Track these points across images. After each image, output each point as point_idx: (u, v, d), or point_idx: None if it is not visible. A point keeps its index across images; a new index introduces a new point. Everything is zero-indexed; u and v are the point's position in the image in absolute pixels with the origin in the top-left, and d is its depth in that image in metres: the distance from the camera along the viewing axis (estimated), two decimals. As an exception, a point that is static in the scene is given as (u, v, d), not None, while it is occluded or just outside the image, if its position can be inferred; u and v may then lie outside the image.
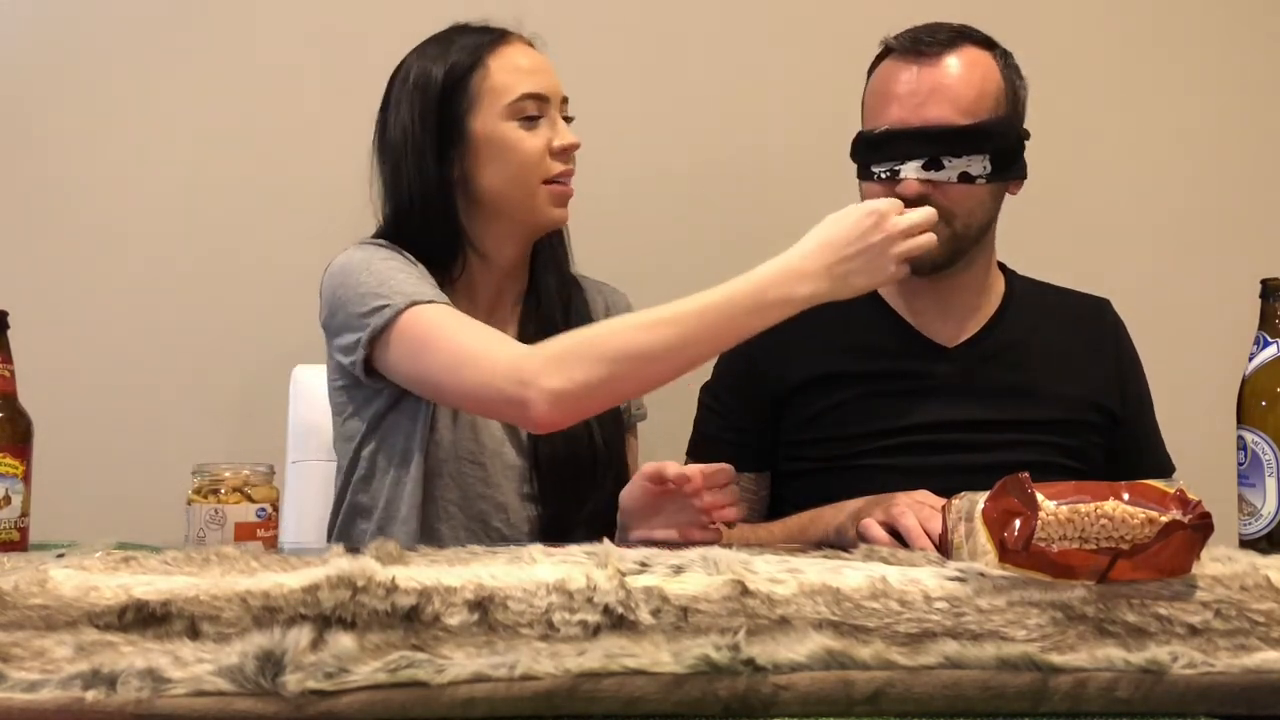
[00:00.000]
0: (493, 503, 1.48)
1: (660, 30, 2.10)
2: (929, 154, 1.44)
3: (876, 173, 1.47)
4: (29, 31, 2.04)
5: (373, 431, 1.48)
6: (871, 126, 1.51)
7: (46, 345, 1.92)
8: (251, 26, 2.06)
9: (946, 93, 1.46)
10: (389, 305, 1.36)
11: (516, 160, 1.46)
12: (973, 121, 1.46)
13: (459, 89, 1.46)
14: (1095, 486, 0.88)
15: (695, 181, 2.09)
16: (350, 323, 1.40)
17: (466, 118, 1.46)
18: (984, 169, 1.45)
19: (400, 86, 1.50)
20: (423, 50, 1.52)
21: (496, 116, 1.46)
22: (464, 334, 1.33)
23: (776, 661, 0.73)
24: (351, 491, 1.49)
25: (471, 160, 1.47)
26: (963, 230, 1.48)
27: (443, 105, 1.46)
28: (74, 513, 1.70)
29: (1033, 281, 1.66)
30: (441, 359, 1.32)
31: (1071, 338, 1.61)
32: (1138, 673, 0.75)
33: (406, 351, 1.36)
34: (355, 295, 1.40)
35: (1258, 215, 2.18)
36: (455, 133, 1.46)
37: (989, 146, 1.45)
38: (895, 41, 1.52)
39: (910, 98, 1.47)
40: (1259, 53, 2.21)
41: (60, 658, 0.72)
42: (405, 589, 0.78)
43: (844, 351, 1.56)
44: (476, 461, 1.49)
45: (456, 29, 1.53)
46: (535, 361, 1.26)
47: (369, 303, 1.38)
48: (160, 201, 2.04)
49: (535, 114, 1.47)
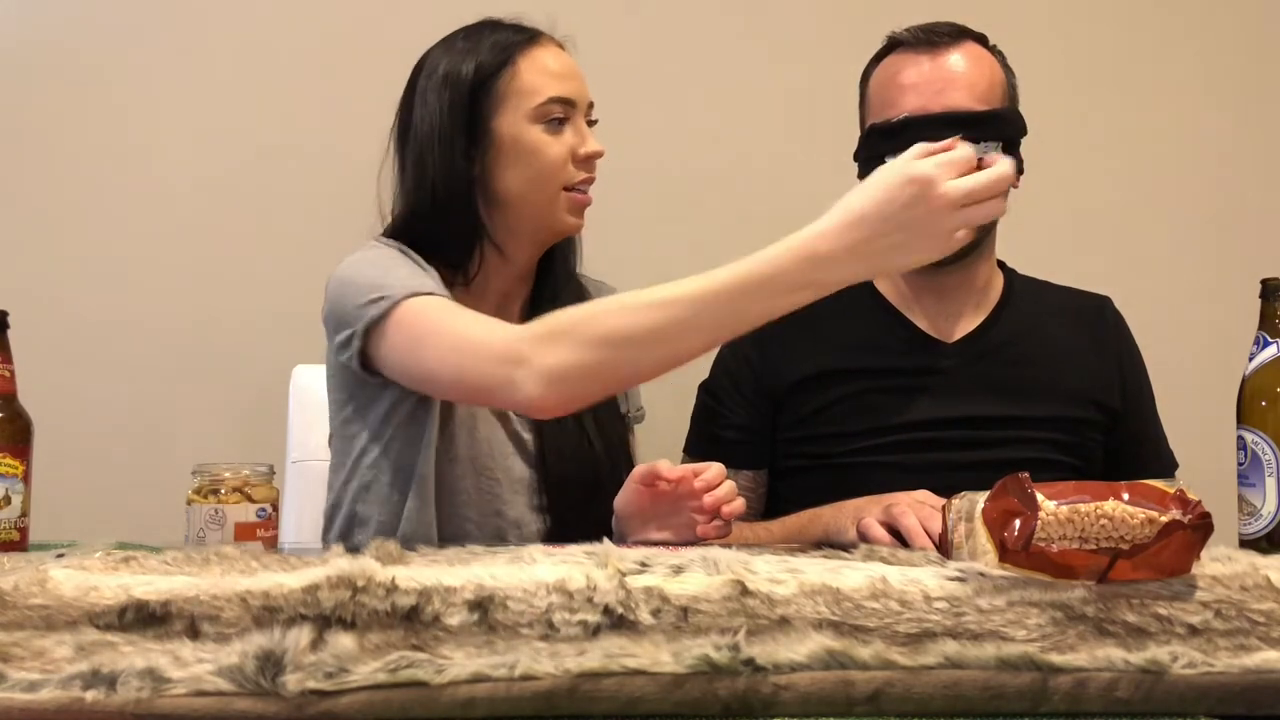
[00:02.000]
0: (507, 519, 1.47)
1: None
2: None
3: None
4: (30, 31, 2.04)
5: (375, 440, 1.44)
6: (883, 118, 1.51)
7: (46, 345, 1.92)
8: (253, 26, 2.06)
9: (963, 80, 1.49)
10: (386, 296, 1.33)
11: (538, 164, 1.44)
12: (990, 108, 1.48)
13: (486, 87, 1.44)
14: (1095, 486, 0.88)
15: (702, 185, 2.09)
16: (348, 316, 1.37)
17: (492, 117, 1.44)
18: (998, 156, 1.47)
19: (427, 80, 1.47)
20: (450, 44, 1.49)
21: (522, 118, 1.44)
22: (459, 321, 1.29)
23: (776, 661, 0.73)
24: (351, 500, 1.46)
25: (493, 160, 1.45)
26: None
27: (470, 102, 1.44)
28: (74, 513, 1.70)
29: (1032, 280, 1.67)
30: (436, 349, 1.28)
31: (1071, 334, 1.61)
32: (1138, 673, 0.75)
33: (402, 343, 1.32)
34: (355, 289, 1.37)
35: (1258, 215, 2.18)
36: (479, 131, 1.44)
37: (1003, 134, 1.48)
38: (905, 34, 1.54)
39: (928, 86, 1.48)
40: (1259, 53, 2.21)
41: (60, 658, 0.72)
42: (405, 589, 0.78)
43: (842, 348, 1.56)
44: (492, 476, 1.46)
45: (488, 25, 1.50)
46: (526, 342, 1.20)
47: (367, 294, 1.35)
48: (160, 202, 2.04)
49: (561, 118, 1.45)
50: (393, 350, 1.33)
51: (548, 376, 1.17)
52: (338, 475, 1.50)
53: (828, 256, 1.08)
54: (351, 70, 2.06)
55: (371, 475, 1.45)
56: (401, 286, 1.34)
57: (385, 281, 1.35)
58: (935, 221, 1.06)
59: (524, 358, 1.18)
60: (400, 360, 1.33)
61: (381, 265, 1.39)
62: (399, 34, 2.05)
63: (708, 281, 1.12)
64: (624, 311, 1.16)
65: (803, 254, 1.08)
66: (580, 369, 1.16)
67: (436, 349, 1.28)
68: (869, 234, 1.07)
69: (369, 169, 1.69)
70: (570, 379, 1.17)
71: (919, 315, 1.59)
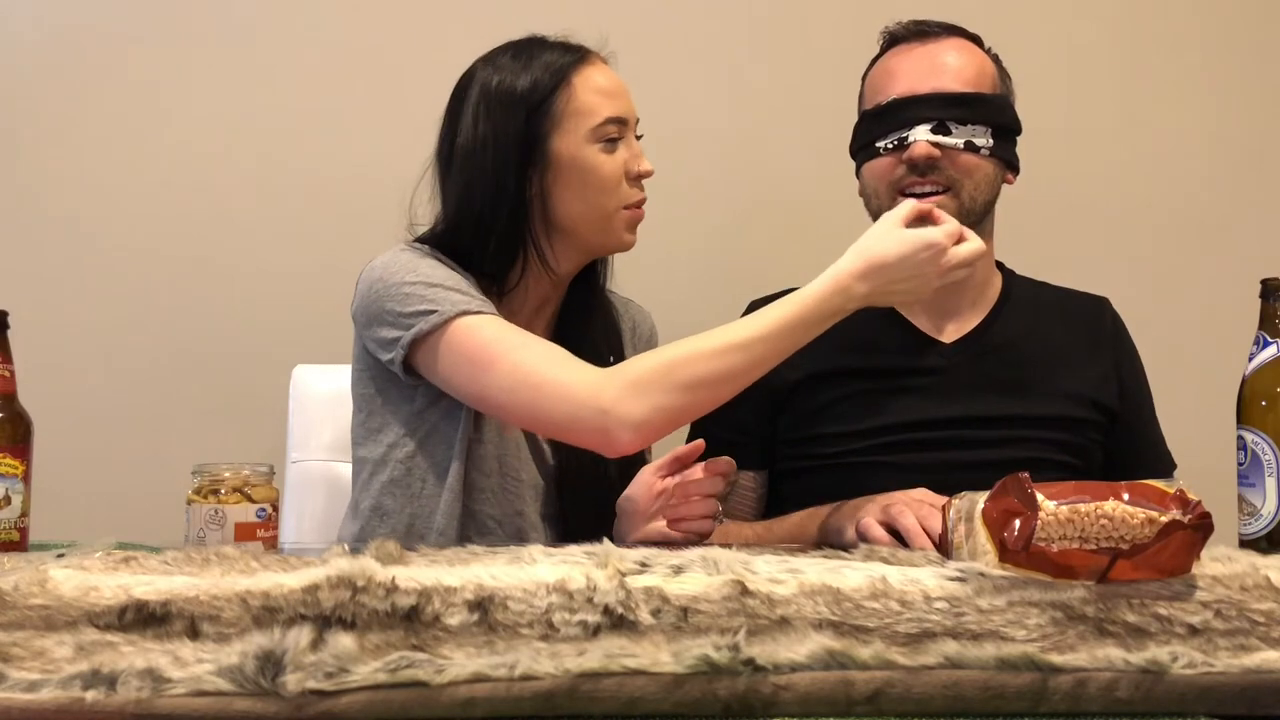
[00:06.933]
0: (528, 519, 1.48)
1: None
2: (937, 118, 1.48)
3: (882, 146, 1.51)
4: (30, 31, 2.04)
5: (412, 434, 1.44)
6: (873, 104, 1.54)
7: (46, 345, 1.92)
8: (254, 26, 2.06)
9: (950, 66, 1.52)
10: (436, 311, 1.34)
11: (597, 184, 1.45)
12: (977, 90, 1.51)
13: (543, 108, 1.44)
14: (1095, 486, 0.88)
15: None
16: (390, 320, 1.37)
17: (549, 138, 1.44)
18: (987, 142, 1.50)
19: (476, 97, 1.46)
20: (495, 62, 1.48)
21: (581, 139, 1.44)
22: (525, 352, 1.32)
23: (776, 661, 0.73)
24: (379, 491, 1.46)
25: (551, 180, 1.44)
26: (969, 203, 1.50)
27: (525, 121, 1.43)
28: (74, 513, 1.70)
29: (1030, 280, 1.67)
30: (502, 378, 1.31)
31: (1069, 335, 1.61)
32: (1138, 673, 0.75)
33: (460, 365, 1.34)
34: (399, 294, 1.37)
35: (1258, 215, 2.18)
36: (537, 152, 1.44)
37: (991, 119, 1.50)
38: (898, 28, 1.58)
39: (915, 71, 1.52)
40: (1259, 53, 2.21)
41: (60, 658, 0.72)
42: (405, 589, 0.78)
43: (842, 348, 1.56)
44: (516, 477, 1.47)
45: (535, 42, 1.49)
46: (613, 390, 1.26)
47: (413, 304, 1.35)
48: (161, 202, 2.04)
49: (616, 137, 1.46)
50: (447, 369, 1.35)
51: (636, 425, 1.26)
52: (364, 467, 1.49)
53: (859, 293, 1.28)
54: (352, 70, 2.06)
55: (404, 469, 1.45)
56: (450, 303, 1.35)
57: (432, 295, 1.36)
58: (937, 276, 1.31)
59: (611, 405, 1.26)
60: (457, 381, 1.36)
61: (423, 274, 1.38)
62: (401, 33, 2.06)
63: (769, 321, 1.28)
64: (703, 358, 1.27)
65: (839, 288, 1.28)
66: (667, 415, 1.27)
67: (506, 380, 1.31)
68: (888, 279, 1.28)
69: (370, 169, 1.71)
70: (657, 424, 1.28)
71: (918, 315, 1.59)
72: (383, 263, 1.42)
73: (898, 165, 1.49)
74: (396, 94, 2.03)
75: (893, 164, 1.50)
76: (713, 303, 1.67)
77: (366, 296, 1.41)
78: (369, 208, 1.55)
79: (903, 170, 1.49)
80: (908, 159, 1.48)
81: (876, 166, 1.52)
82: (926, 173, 1.48)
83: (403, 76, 2.03)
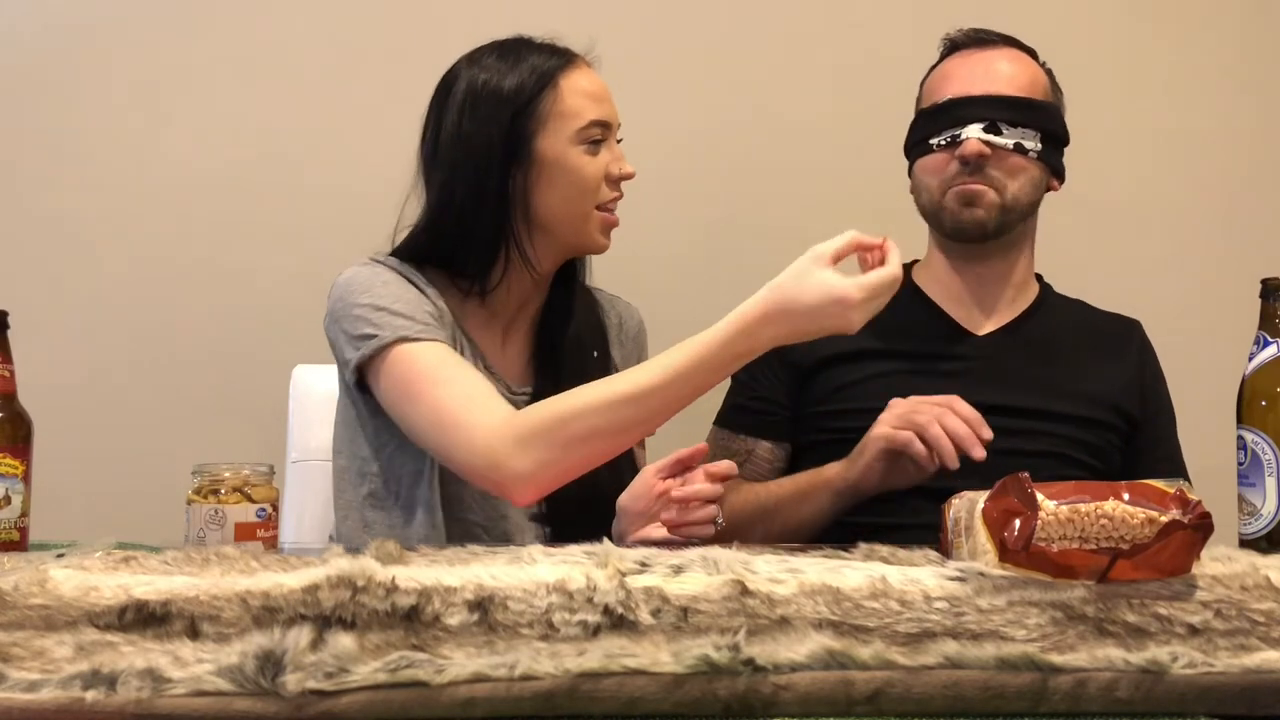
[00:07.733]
0: (513, 522, 1.49)
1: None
2: (990, 118, 1.54)
3: (935, 143, 1.57)
4: (31, 31, 2.04)
5: (380, 450, 1.47)
6: (929, 104, 1.61)
7: (46, 345, 1.92)
8: (255, 26, 2.06)
9: (1005, 71, 1.59)
10: (377, 336, 1.37)
11: (579, 184, 1.46)
12: (1029, 95, 1.57)
13: (528, 109, 1.45)
14: (1095, 486, 0.88)
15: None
16: (345, 339, 1.42)
17: (534, 138, 1.45)
18: (1036, 146, 1.56)
19: (461, 96, 1.47)
20: (480, 61, 1.49)
21: (565, 140, 1.45)
22: (446, 389, 1.33)
23: (776, 661, 0.73)
24: (360, 505, 1.48)
25: (534, 178, 1.46)
26: (1011, 202, 1.57)
27: (511, 121, 1.44)
28: (74, 513, 1.70)
29: (1067, 297, 1.73)
30: (423, 413, 1.34)
31: (1097, 344, 1.66)
32: (1138, 673, 0.75)
33: (392, 392, 1.37)
34: (350, 314, 1.41)
35: (1258, 215, 2.18)
36: (521, 151, 1.45)
37: (1041, 125, 1.57)
38: (958, 35, 1.66)
39: (971, 74, 1.59)
40: (1259, 53, 2.21)
41: (60, 658, 0.72)
42: (405, 589, 0.78)
43: (873, 329, 1.57)
44: None
45: (522, 43, 1.50)
46: (506, 443, 1.26)
47: (361, 327, 1.39)
48: (161, 202, 2.04)
49: (600, 139, 1.47)
50: (383, 394, 1.39)
51: (525, 479, 1.27)
52: (344, 477, 1.51)
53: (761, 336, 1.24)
54: (352, 72, 2.06)
55: (378, 483, 1.47)
56: (392, 329, 1.37)
57: (377, 319, 1.39)
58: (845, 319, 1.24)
59: (504, 460, 1.26)
60: (390, 406, 1.39)
61: (374, 295, 1.41)
62: (402, 36, 2.06)
63: (668, 369, 1.25)
64: (594, 412, 1.25)
65: (742, 332, 1.24)
66: (555, 471, 1.27)
67: (425, 418, 1.34)
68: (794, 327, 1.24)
69: (370, 170, 1.70)
70: (545, 480, 1.28)
71: (953, 305, 1.65)
72: (344, 280, 1.45)
73: (950, 162, 1.56)
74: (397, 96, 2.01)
75: (945, 160, 1.57)
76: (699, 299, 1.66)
77: (329, 314, 1.45)
78: (369, 208, 1.55)
79: (955, 167, 1.56)
80: (959, 155, 1.54)
81: (929, 162, 1.59)
82: (976, 171, 1.54)
83: (402, 78, 2.02)
